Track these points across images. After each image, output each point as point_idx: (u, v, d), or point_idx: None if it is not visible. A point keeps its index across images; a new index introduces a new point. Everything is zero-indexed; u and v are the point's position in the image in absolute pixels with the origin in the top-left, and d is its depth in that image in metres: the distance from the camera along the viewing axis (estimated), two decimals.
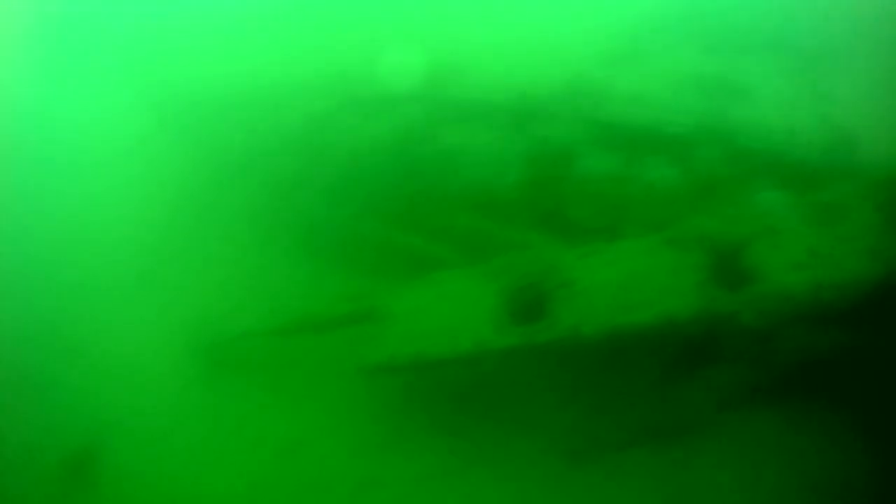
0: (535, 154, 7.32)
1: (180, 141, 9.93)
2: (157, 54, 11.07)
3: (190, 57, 10.80)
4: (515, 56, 8.59)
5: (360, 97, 8.69)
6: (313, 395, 6.81)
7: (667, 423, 5.92)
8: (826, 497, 5.44)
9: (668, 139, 6.99)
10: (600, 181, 6.91)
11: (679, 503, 5.48)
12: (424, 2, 10.03)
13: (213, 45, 10.80)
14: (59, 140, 11.06)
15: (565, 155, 7.20)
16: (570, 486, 5.74)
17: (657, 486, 5.65)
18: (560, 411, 6.06)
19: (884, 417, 5.72)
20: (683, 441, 5.85)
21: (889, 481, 5.49)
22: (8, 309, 8.24)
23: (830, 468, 5.56)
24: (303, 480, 6.14)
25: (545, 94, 7.79)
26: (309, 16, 10.49)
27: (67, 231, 9.58)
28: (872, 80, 7.17)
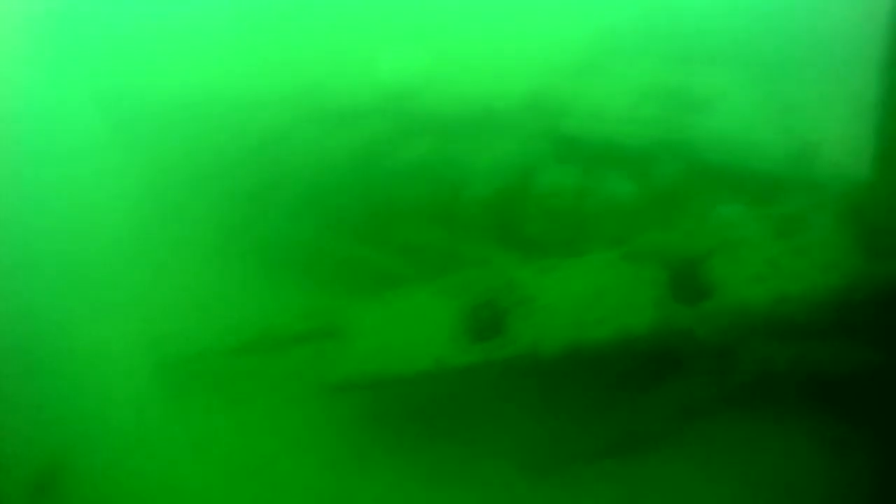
0: (494, 169, 7.27)
1: (141, 153, 9.80)
2: (117, 62, 10.93)
3: (151, 65, 10.68)
4: (476, 69, 8.54)
5: (321, 110, 8.60)
6: (275, 413, 6.77)
7: (630, 435, 5.91)
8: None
9: (627, 153, 6.95)
10: (559, 196, 6.86)
11: None
12: (385, 15, 9.96)
13: (174, 55, 10.67)
14: (14, 151, 10.86)
15: (525, 170, 7.14)
16: (534, 501, 5.72)
17: (622, 498, 5.64)
18: (522, 427, 6.02)
19: (846, 425, 5.76)
20: (647, 452, 5.85)
21: (851, 488, 5.51)
22: None
23: (794, 476, 5.58)
24: (266, 499, 6.09)
25: (505, 108, 7.73)
26: (271, 27, 10.39)
27: (29, 246, 9.44)
28: (834, 91, 7.17)
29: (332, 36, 9.84)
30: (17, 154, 10.89)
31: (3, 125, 11.15)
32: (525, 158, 7.20)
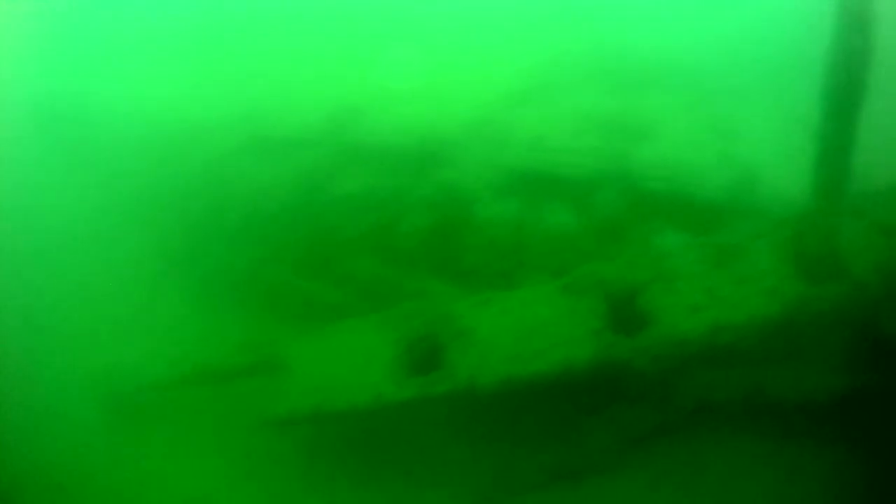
0: (433, 200, 7.22)
1: (81, 180, 9.60)
2: (57, 86, 10.74)
3: (91, 90, 10.50)
4: (416, 99, 8.48)
5: (260, 138, 8.50)
6: (217, 447, 6.65)
7: (572, 464, 5.89)
8: None
9: (567, 183, 6.93)
10: (498, 227, 6.83)
11: None
12: (327, 42, 9.89)
13: (114, 80, 10.50)
14: None
15: (464, 201, 7.10)
16: None
17: None
18: (463, 460, 5.96)
19: (790, 448, 5.80)
20: (590, 480, 5.82)
21: None
22: None
23: (739, 500, 5.61)
24: None
25: (445, 139, 7.68)
26: (211, 54, 10.26)
27: None
28: (773, 117, 7.23)
29: (272, 63, 9.73)
30: None
31: None
32: (464, 189, 7.17)
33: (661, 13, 9.38)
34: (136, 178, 8.73)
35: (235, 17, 10.92)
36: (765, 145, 6.90)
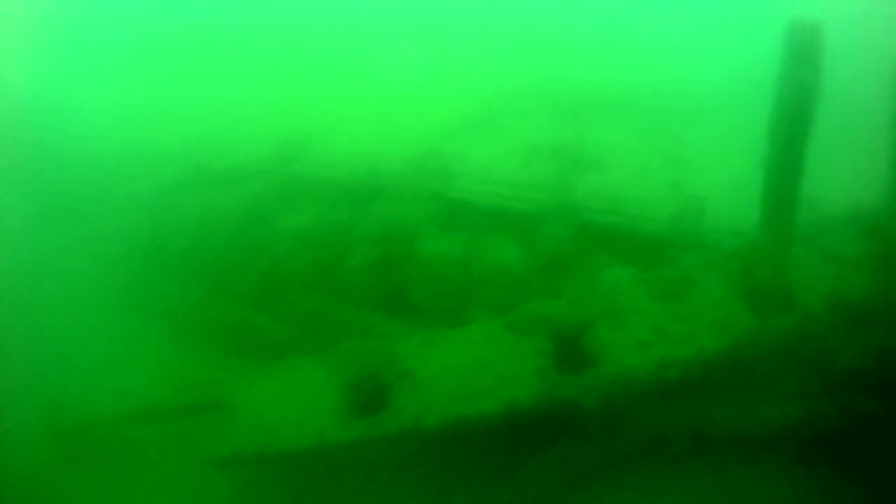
0: (378, 234, 7.12)
1: (24, 210, 9.39)
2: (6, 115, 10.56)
3: (35, 119, 10.32)
4: (363, 130, 8.40)
5: (206, 169, 8.38)
6: (162, 485, 6.52)
7: (520, 503, 5.79)
8: None
9: (513, 217, 6.88)
10: (444, 263, 6.74)
11: None
12: (274, 74, 9.80)
13: (63, 108, 10.33)
14: None
15: (409, 236, 7.02)
16: None
17: None
18: (410, 500, 5.85)
19: (741, 480, 5.77)
20: None
21: None
22: None
23: None
24: None
25: (391, 172, 7.61)
26: (160, 85, 10.13)
27: None
28: (724, 147, 7.23)
29: (219, 94, 9.62)
30: None
31: None
32: (410, 224, 7.07)
33: (610, 44, 9.42)
34: (81, 210, 8.58)
35: (184, 47, 10.81)
36: (714, 175, 6.89)
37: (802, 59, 5.75)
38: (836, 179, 6.56)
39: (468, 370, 5.47)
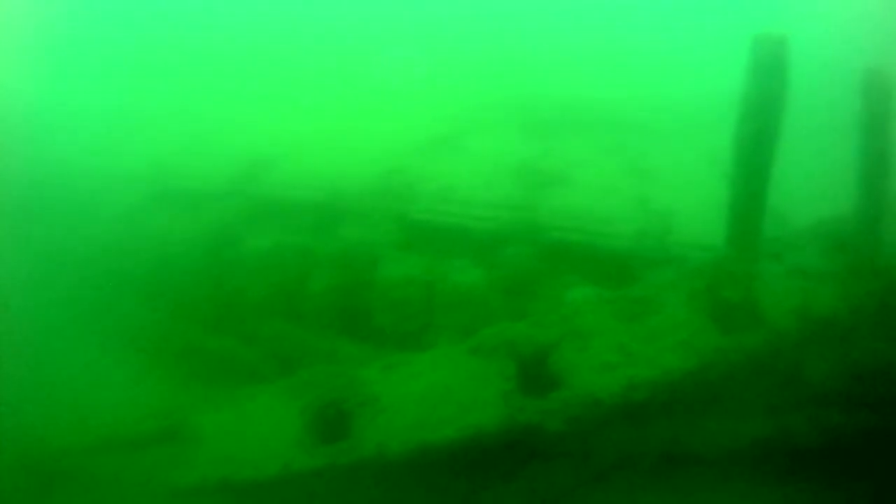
0: (341, 258, 7.02)
1: None
2: None
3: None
4: (327, 148, 8.27)
5: (172, 191, 8.25)
6: None
7: None
8: None
9: (476, 237, 6.79)
10: (406, 286, 6.66)
11: None
12: (237, 93, 9.68)
13: (23, 130, 10.16)
14: None
15: (372, 258, 6.92)
16: None
17: None
18: None
19: (711, 497, 5.74)
20: None
21: None
22: None
23: None
24: None
25: (354, 192, 7.51)
26: (122, 105, 9.98)
27: None
28: (690, 161, 7.18)
29: (182, 114, 9.48)
30: None
31: None
32: (372, 246, 6.98)
33: (575, 59, 9.35)
34: (42, 233, 8.42)
35: (146, 68, 10.67)
36: (680, 190, 6.83)
37: (768, 72, 5.71)
38: (804, 193, 6.54)
39: (431, 396, 5.39)
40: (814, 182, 6.70)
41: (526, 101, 8.60)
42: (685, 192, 6.75)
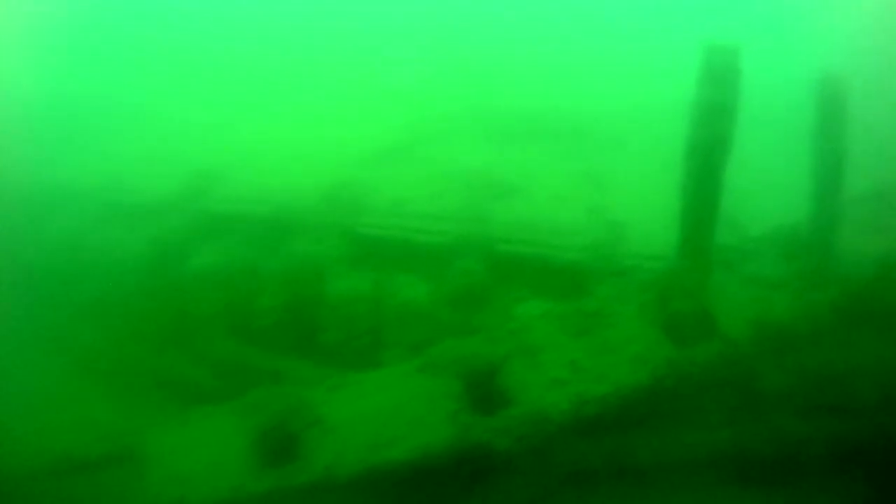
0: (289, 274, 6.93)
1: None
2: None
3: None
4: (277, 161, 8.15)
5: (120, 206, 8.11)
6: None
7: None
8: None
9: (425, 251, 6.71)
10: (354, 303, 6.58)
11: None
12: (186, 106, 9.52)
13: None
14: None
15: (319, 274, 6.82)
16: None
17: None
18: None
19: None
20: None
21: None
22: None
23: None
24: None
25: (302, 206, 7.40)
26: (69, 118, 9.81)
27: None
28: (643, 170, 7.13)
29: (131, 126, 9.31)
30: None
31: None
32: (320, 262, 6.87)
33: (527, 68, 9.28)
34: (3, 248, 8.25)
35: (93, 80, 10.49)
36: (633, 200, 6.79)
37: (720, 81, 5.67)
38: (758, 201, 6.52)
39: (380, 416, 5.31)
40: (768, 190, 6.68)
41: (478, 111, 8.52)
42: (638, 202, 6.70)
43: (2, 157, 9.10)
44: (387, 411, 5.34)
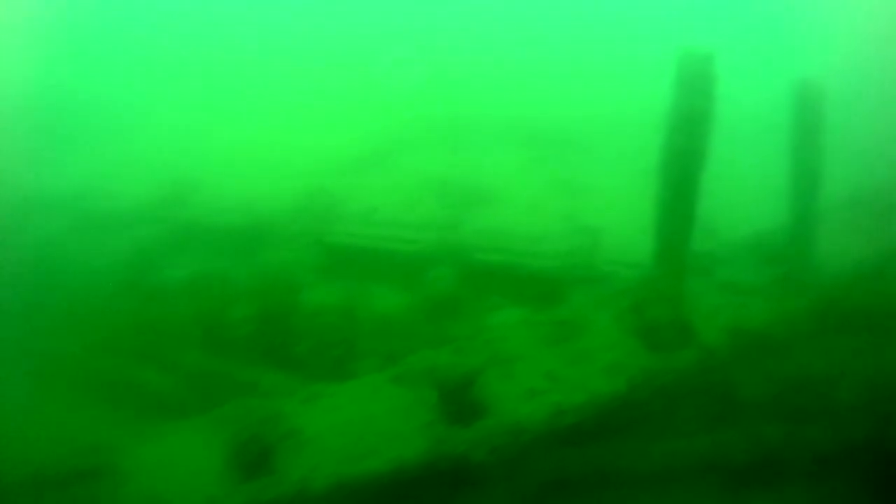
0: (262, 284, 6.85)
1: None
2: None
3: None
4: (252, 170, 8.08)
5: (94, 216, 8.02)
6: None
7: None
8: None
9: (399, 260, 6.66)
10: (327, 313, 6.51)
11: None
12: (158, 116, 9.43)
13: None
14: None
15: (292, 285, 6.76)
16: None
17: None
18: None
19: None
20: None
21: None
22: None
23: None
24: None
25: (275, 215, 7.33)
26: (43, 129, 9.70)
27: None
28: (618, 176, 7.12)
29: (105, 136, 9.21)
30: None
31: None
32: (294, 272, 6.79)
33: (503, 76, 9.25)
34: None
35: (68, 89, 10.36)
36: (608, 207, 6.77)
37: (695, 88, 5.67)
38: (734, 207, 6.51)
39: (354, 427, 5.23)
40: (744, 196, 6.67)
41: (452, 119, 8.47)
42: (614, 209, 6.68)
43: None
44: (361, 423, 5.27)
